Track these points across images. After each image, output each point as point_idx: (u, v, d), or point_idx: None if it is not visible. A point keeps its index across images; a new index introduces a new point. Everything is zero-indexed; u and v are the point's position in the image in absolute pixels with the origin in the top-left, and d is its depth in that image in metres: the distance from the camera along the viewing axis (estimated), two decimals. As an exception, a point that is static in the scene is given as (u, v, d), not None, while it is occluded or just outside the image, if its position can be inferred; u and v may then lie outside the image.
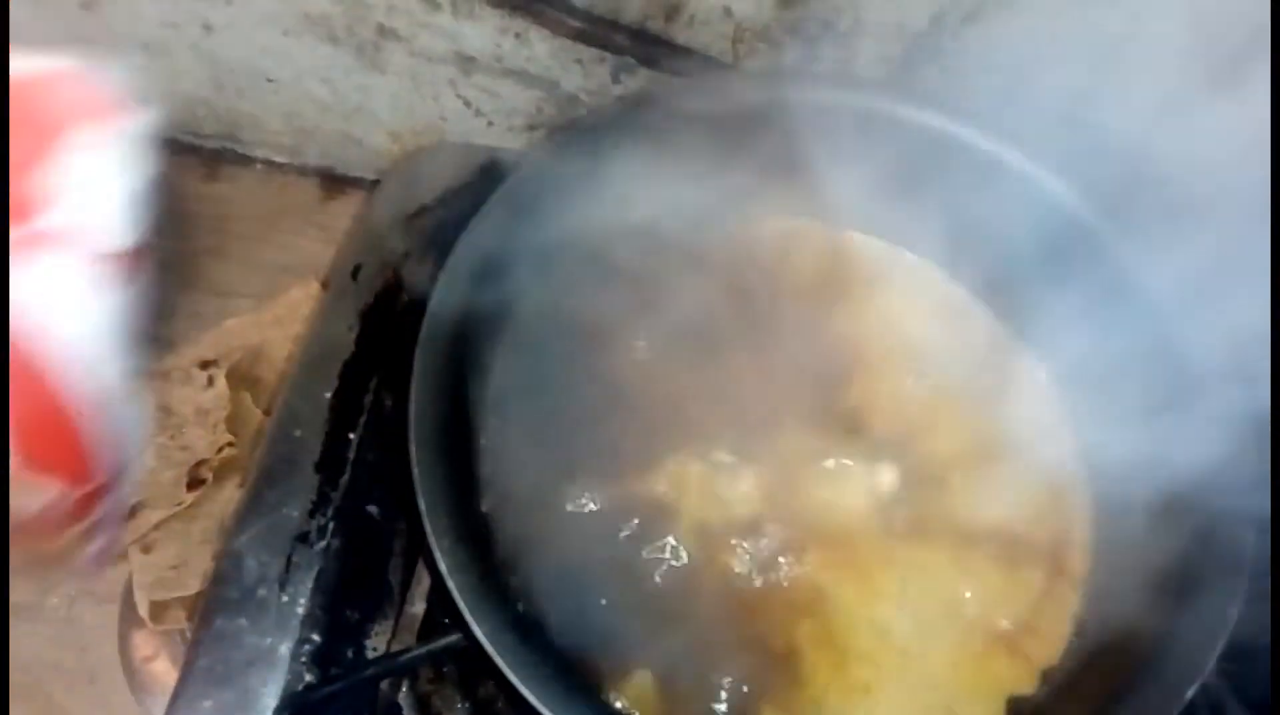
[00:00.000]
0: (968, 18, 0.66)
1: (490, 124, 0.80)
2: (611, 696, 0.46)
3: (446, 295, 0.46)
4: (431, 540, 0.39)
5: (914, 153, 0.57)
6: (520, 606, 0.45)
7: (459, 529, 0.40)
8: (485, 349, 0.51)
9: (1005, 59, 0.67)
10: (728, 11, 0.68)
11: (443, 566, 0.39)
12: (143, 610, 0.67)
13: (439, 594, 0.52)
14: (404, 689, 0.53)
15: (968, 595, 0.53)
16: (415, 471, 0.40)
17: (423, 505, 0.40)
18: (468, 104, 0.79)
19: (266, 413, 0.74)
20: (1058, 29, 0.65)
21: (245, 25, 0.76)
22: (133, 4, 0.76)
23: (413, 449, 0.41)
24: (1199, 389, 0.49)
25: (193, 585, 0.68)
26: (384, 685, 0.51)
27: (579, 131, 0.55)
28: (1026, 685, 0.50)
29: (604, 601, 0.47)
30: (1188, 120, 0.68)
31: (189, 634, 0.68)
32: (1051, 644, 0.51)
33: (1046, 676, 0.50)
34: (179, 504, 0.71)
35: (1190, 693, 0.40)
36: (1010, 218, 0.56)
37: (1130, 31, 0.65)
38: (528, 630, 0.40)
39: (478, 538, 0.42)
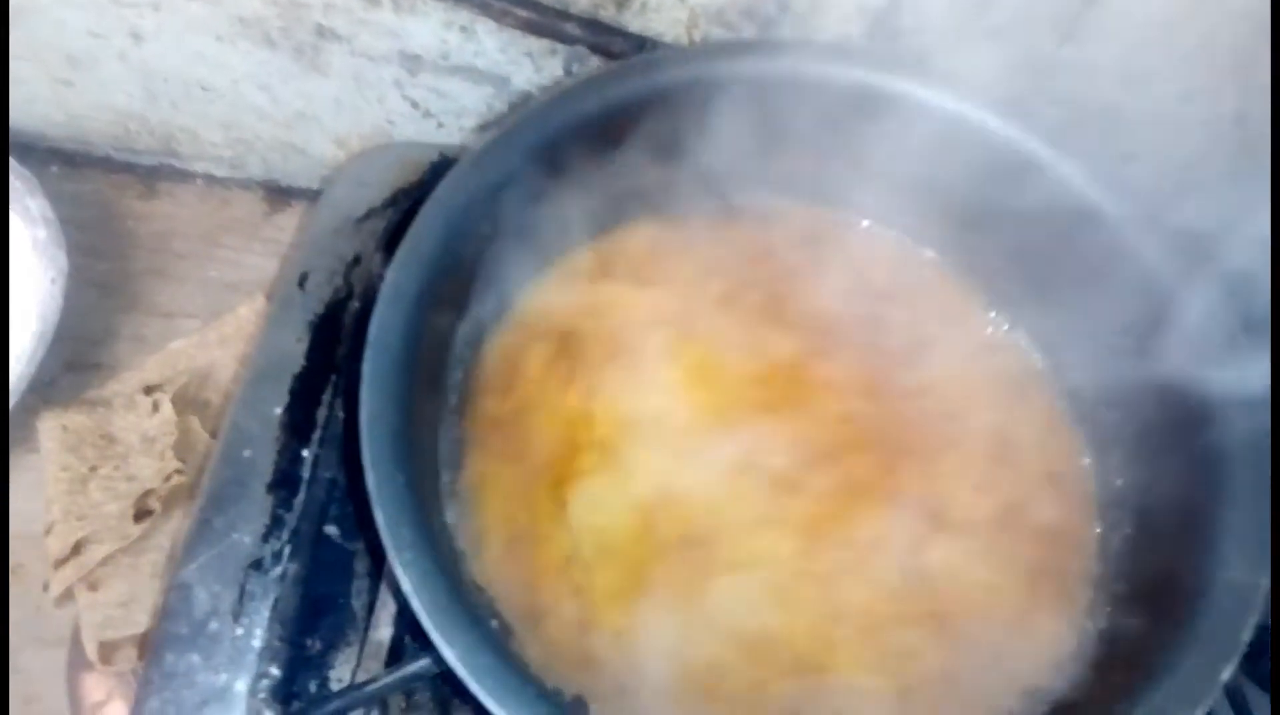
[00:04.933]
0: (927, -8, 0.64)
1: (440, 125, 0.77)
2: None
3: (398, 291, 0.43)
4: (392, 555, 0.36)
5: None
6: (494, 624, 0.42)
7: (422, 541, 0.37)
8: (442, 351, 0.48)
9: (967, 32, 0.66)
10: (681, -4, 0.66)
11: (405, 582, 0.35)
12: (91, 652, 0.63)
13: (406, 615, 0.49)
14: (373, 721, 0.50)
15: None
16: (371, 480, 0.37)
17: (380, 516, 0.36)
18: (415, 105, 0.76)
19: (215, 437, 0.71)
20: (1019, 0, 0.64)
21: (175, 31, 0.72)
22: (56, 14, 0.72)
23: (365, 452, 0.37)
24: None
25: (144, 622, 0.64)
26: (351, 718, 0.47)
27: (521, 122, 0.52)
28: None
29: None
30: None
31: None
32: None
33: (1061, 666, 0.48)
34: (126, 537, 0.67)
35: (1226, 674, 0.38)
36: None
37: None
38: (501, 650, 0.37)
39: (443, 550, 0.39)
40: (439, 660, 0.35)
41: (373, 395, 0.39)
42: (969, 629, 0.48)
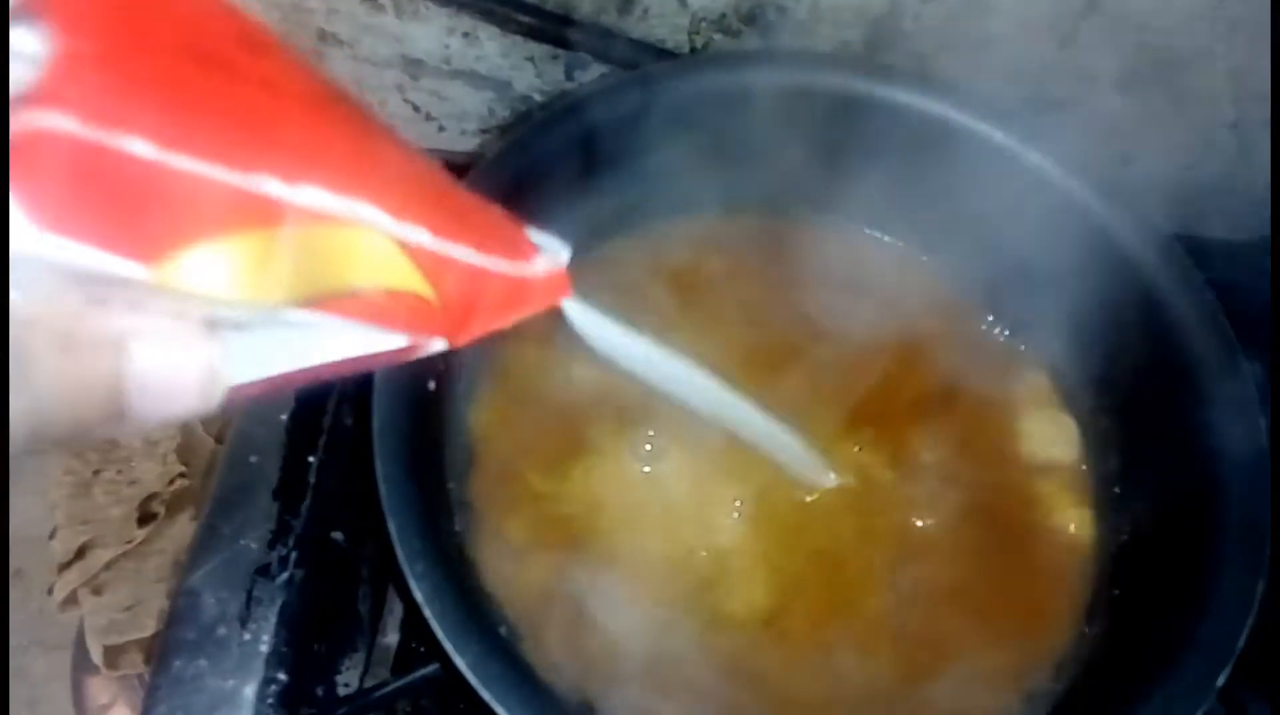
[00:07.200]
0: (928, -2, 0.64)
1: (441, 129, 0.77)
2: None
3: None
4: (405, 566, 0.36)
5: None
6: (502, 631, 0.43)
7: (433, 551, 0.37)
8: (450, 359, 0.49)
9: (967, 38, 0.66)
10: (683, 2, 0.66)
11: (418, 594, 0.36)
12: (96, 656, 0.63)
13: (414, 623, 0.49)
14: (380, 727, 0.50)
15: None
16: (383, 490, 0.37)
17: (392, 527, 0.37)
18: (417, 109, 0.76)
19: (218, 441, 0.71)
20: (1019, 5, 0.64)
21: (178, 36, 0.72)
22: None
23: (378, 464, 0.38)
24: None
25: (149, 626, 0.64)
26: (358, 724, 0.48)
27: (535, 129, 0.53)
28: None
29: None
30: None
31: (147, 678, 0.64)
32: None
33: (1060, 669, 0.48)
34: (130, 541, 0.67)
35: (1221, 679, 0.39)
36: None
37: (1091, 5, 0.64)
38: (511, 657, 0.37)
39: (453, 559, 0.39)
40: (449, 667, 0.35)
41: (384, 404, 0.40)
42: (967, 633, 0.49)
